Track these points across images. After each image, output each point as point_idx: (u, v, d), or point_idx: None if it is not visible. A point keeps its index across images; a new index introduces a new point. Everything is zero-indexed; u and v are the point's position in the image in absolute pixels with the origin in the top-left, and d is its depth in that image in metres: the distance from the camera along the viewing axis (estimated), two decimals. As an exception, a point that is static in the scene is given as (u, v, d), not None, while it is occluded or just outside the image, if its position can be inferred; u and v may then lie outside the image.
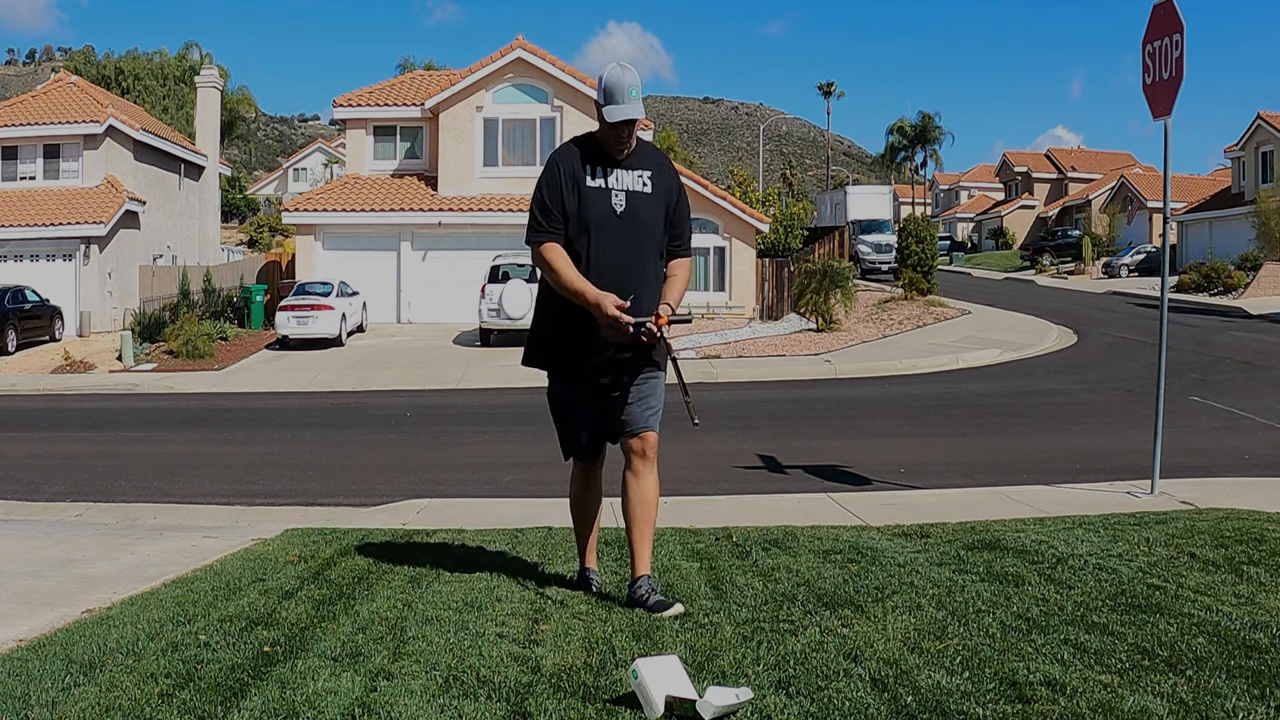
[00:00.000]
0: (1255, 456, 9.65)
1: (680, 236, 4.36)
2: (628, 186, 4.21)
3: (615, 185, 4.20)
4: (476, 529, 6.19)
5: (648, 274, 4.22)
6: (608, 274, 4.11)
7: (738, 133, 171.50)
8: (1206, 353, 19.26)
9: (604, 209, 4.17)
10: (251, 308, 27.85)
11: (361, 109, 29.70)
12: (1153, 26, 7.56)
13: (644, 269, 4.21)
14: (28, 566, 5.55)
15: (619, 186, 4.20)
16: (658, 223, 4.25)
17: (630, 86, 4.12)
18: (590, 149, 4.26)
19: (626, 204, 4.20)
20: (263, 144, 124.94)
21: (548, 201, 4.19)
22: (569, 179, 4.19)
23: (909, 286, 29.00)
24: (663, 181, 4.29)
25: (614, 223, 4.17)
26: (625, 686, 3.07)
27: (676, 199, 4.33)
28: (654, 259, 4.27)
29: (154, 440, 13.00)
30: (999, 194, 71.77)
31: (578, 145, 4.31)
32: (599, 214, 4.16)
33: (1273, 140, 39.72)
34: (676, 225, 4.33)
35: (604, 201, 4.18)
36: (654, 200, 4.25)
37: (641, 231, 4.20)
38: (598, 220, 4.16)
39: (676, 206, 4.33)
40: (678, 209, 4.33)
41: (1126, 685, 3.07)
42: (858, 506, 7.09)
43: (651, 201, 4.24)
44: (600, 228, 4.15)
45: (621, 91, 4.12)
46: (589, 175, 4.19)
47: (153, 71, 48.65)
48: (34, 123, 28.51)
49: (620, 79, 4.12)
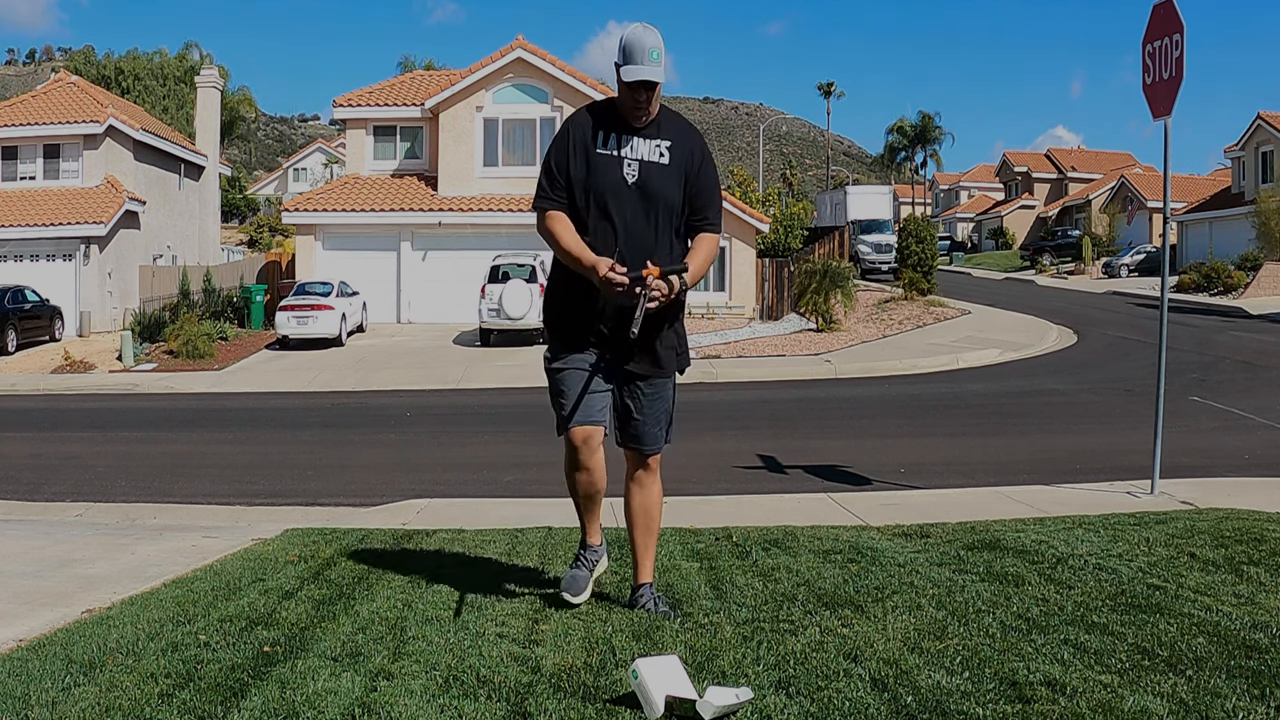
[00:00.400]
0: (1255, 456, 9.65)
1: (703, 210, 4.03)
2: (642, 156, 3.93)
3: (629, 154, 3.93)
4: (476, 529, 6.19)
5: (659, 248, 3.92)
6: (616, 250, 3.86)
7: (738, 133, 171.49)
8: (1206, 353, 19.26)
9: (614, 178, 3.91)
10: (251, 308, 27.85)
11: (361, 109, 29.71)
12: (1153, 26, 7.56)
13: (656, 244, 3.93)
14: (28, 566, 5.54)
15: (633, 156, 3.93)
16: (674, 196, 3.95)
17: (651, 48, 3.82)
18: (607, 115, 3.99)
19: (640, 175, 3.92)
20: (263, 144, 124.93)
21: (554, 167, 3.97)
22: (578, 145, 3.95)
23: (909, 286, 29.00)
24: (682, 152, 3.97)
25: (624, 193, 3.91)
26: (625, 686, 3.07)
27: (698, 170, 4.00)
28: (668, 235, 3.98)
29: (154, 440, 13.00)
30: (999, 194, 71.78)
31: (594, 111, 4.05)
32: (608, 183, 3.90)
33: (1273, 140, 39.72)
34: (697, 198, 4.01)
35: (614, 170, 3.91)
36: (671, 172, 3.95)
37: (655, 205, 3.92)
38: (607, 189, 3.90)
39: (698, 178, 4.00)
40: (699, 180, 4.00)
41: (1126, 685, 3.07)
42: (858, 506, 7.09)
43: (668, 173, 3.94)
44: (609, 198, 3.90)
45: (641, 52, 3.82)
46: (600, 142, 3.93)
47: (153, 71, 48.66)
48: (34, 123, 28.52)
49: (641, 39, 3.83)
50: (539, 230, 4.04)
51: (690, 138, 4.03)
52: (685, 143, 4.00)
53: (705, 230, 4.04)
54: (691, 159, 3.98)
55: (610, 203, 3.91)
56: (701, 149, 4.06)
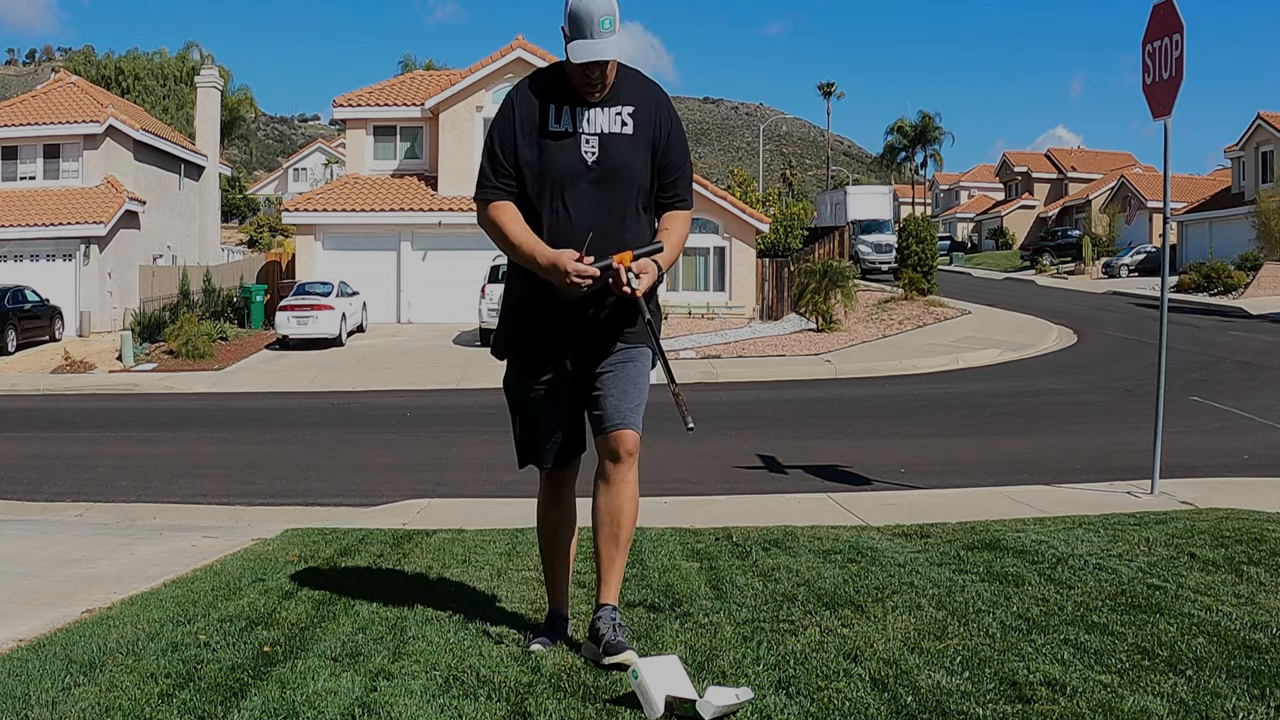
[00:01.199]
0: (1255, 456, 9.65)
1: (673, 186, 3.49)
2: (601, 128, 3.37)
3: (586, 129, 3.36)
4: (476, 529, 6.19)
5: (628, 239, 3.36)
6: (575, 242, 3.28)
7: (738, 133, 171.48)
8: (1206, 353, 19.26)
9: (570, 160, 3.35)
10: (251, 308, 27.86)
11: (361, 109, 29.71)
12: (1152, 26, 7.56)
13: (622, 233, 3.37)
14: (28, 566, 5.54)
15: (590, 130, 3.36)
16: (640, 171, 3.41)
17: (603, 16, 3.21)
18: (558, 83, 3.40)
19: (600, 151, 3.35)
20: (263, 144, 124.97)
21: (499, 150, 3.40)
22: (525, 123, 3.38)
23: (909, 286, 29.01)
24: (648, 117, 3.42)
25: (584, 177, 3.35)
26: (625, 686, 3.07)
27: (668, 138, 3.45)
28: (636, 218, 3.44)
29: (154, 440, 13.00)
30: (999, 194, 71.78)
31: (541, 80, 3.45)
32: (564, 167, 3.35)
33: (1273, 140, 39.72)
34: (667, 171, 3.46)
35: (570, 151, 3.35)
36: (635, 142, 3.39)
37: (619, 185, 3.38)
38: (563, 175, 3.35)
39: (667, 148, 3.45)
40: (668, 151, 3.45)
41: (1126, 685, 3.07)
42: (858, 506, 7.09)
43: (632, 145, 3.39)
44: (566, 185, 3.35)
45: (589, 23, 3.22)
46: (552, 117, 3.36)
47: (153, 71, 48.68)
48: (34, 123, 28.52)
49: (589, 7, 3.21)
50: (480, 223, 3.49)
51: (656, 100, 3.47)
52: (651, 106, 3.44)
53: (676, 208, 3.53)
54: (659, 125, 3.44)
55: (567, 189, 3.36)
56: (669, 112, 3.50)
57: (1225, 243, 39.90)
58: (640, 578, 4.61)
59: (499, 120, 3.43)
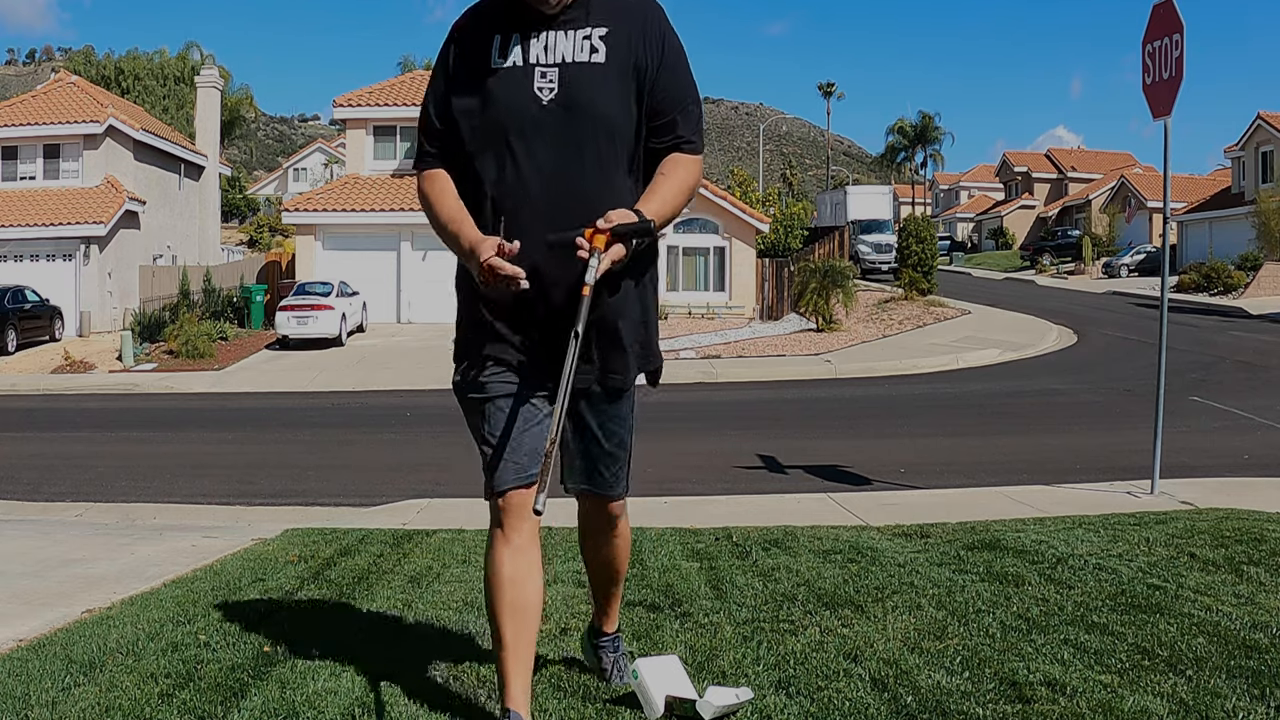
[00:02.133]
0: (1255, 456, 9.65)
1: (670, 128, 2.64)
2: (562, 57, 2.56)
3: (541, 59, 2.56)
4: (476, 529, 6.18)
5: (601, 201, 2.50)
6: (526, 209, 2.53)
7: (738, 133, 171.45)
8: (1206, 353, 19.26)
9: (520, 99, 2.55)
10: (251, 308, 27.86)
11: (361, 109, 29.72)
12: (1152, 26, 7.56)
13: (591, 193, 2.53)
14: (28, 566, 5.54)
15: (547, 61, 2.56)
16: (617, 111, 2.57)
17: None
18: (511, 5, 2.61)
19: (559, 86, 2.55)
20: (263, 144, 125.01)
21: (431, 103, 2.68)
22: (466, 60, 2.62)
23: (909, 286, 29.01)
24: (627, 37, 2.59)
25: (537, 121, 2.54)
26: (625, 686, 3.07)
27: (658, 66, 2.60)
28: (613, 174, 2.59)
29: (154, 440, 13.00)
30: (999, 194, 71.78)
31: (487, 7, 2.68)
32: (512, 108, 2.55)
33: (1273, 140, 39.72)
34: (661, 109, 2.62)
35: (520, 87, 2.56)
36: (609, 73, 2.56)
37: (586, 131, 2.55)
38: (508, 118, 2.55)
39: (657, 78, 2.60)
40: (660, 82, 2.61)
41: (1126, 685, 3.07)
42: (858, 506, 7.08)
43: (605, 77, 2.56)
44: (513, 130, 2.55)
45: None
46: (497, 51, 2.59)
47: (153, 71, 48.68)
48: (34, 123, 28.52)
49: None
50: (419, 198, 2.76)
51: (642, 15, 2.65)
52: (634, 24, 2.62)
53: (682, 150, 2.66)
54: (646, 43, 2.61)
55: (514, 138, 2.55)
56: (661, 32, 2.65)
57: (1225, 243, 39.90)
58: (640, 578, 4.61)
59: (436, 64, 2.74)
